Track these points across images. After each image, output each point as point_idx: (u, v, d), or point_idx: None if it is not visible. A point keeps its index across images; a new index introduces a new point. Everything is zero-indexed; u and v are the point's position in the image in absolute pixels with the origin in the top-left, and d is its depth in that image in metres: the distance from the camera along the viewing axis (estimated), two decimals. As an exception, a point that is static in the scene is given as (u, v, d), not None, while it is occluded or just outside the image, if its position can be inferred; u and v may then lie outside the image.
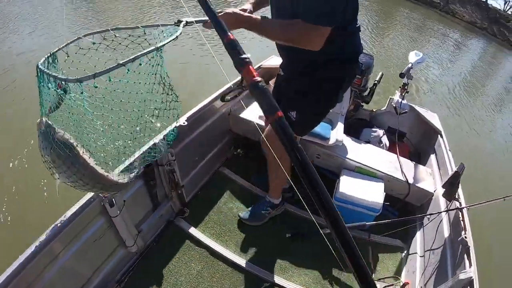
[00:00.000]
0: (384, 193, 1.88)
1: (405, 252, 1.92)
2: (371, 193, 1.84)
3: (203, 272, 1.59)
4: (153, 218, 1.63)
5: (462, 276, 1.32)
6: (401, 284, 1.68)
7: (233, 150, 2.30)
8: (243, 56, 0.67)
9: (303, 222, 1.91)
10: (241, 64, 0.67)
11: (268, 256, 1.72)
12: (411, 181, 1.97)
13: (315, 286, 1.66)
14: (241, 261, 1.64)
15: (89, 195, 1.26)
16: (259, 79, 0.64)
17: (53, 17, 5.80)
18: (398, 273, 1.82)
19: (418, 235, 1.91)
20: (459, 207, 1.60)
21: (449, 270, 1.48)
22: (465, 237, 1.44)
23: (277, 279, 1.61)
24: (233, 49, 0.68)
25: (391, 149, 2.22)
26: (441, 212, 1.74)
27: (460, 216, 1.56)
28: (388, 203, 1.94)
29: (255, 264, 1.63)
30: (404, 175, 1.99)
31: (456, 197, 1.69)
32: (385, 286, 1.58)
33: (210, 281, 1.57)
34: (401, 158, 2.12)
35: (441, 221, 1.73)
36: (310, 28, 1.06)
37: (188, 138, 1.75)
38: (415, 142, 2.51)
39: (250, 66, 0.66)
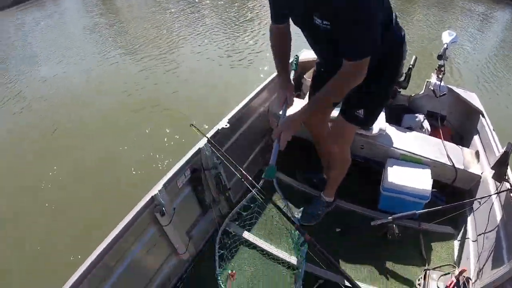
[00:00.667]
0: (432, 180, 1.82)
1: (457, 238, 1.86)
2: (419, 181, 1.80)
3: (257, 274, 1.60)
4: (203, 224, 1.66)
5: None
6: (458, 271, 1.62)
7: None
8: None
9: (351, 216, 1.89)
10: None
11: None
12: (457, 165, 1.90)
13: (370, 280, 1.64)
14: (294, 259, 1.64)
15: (139, 206, 1.28)
16: None
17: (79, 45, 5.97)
18: (451, 260, 1.77)
19: (469, 220, 1.85)
20: (510, 188, 1.53)
21: (504, 254, 1.43)
22: None
23: (331, 276, 1.60)
24: None
25: (433, 133, 2.15)
26: (491, 194, 1.67)
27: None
28: (435, 190, 1.88)
29: (308, 262, 1.62)
30: (450, 159, 1.92)
31: (506, 178, 1.61)
32: (442, 275, 1.54)
33: (265, 282, 1.58)
34: (445, 142, 2.05)
35: (492, 204, 1.66)
36: (358, 65, 1.12)
37: (231, 139, 1.75)
38: (456, 124, 2.41)
39: None
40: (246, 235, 1.73)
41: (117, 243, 1.21)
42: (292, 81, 1.45)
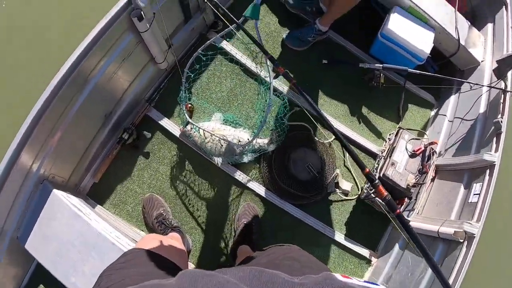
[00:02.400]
0: (432, 44, 1.73)
1: (435, 110, 1.91)
2: (419, 40, 1.70)
3: (235, 90, 1.57)
4: (184, 32, 1.54)
5: (486, 157, 1.33)
6: (428, 140, 1.69)
7: None
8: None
9: (341, 51, 1.84)
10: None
11: (302, 82, 1.70)
12: (462, 41, 1.81)
13: (343, 119, 1.69)
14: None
15: (115, 9, 1.13)
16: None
17: None
18: (423, 128, 1.84)
19: (452, 99, 1.86)
20: (504, 88, 1.50)
21: (473, 146, 1.49)
22: (501, 121, 1.39)
23: (306, 104, 1.61)
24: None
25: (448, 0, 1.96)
26: (485, 85, 1.64)
27: (502, 98, 1.48)
28: (430, 55, 1.82)
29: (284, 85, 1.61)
30: (458, 32, 1.81)
31: (505, 77, 1.56)
32: (413, 138, 1.59)
33: (242, 99, 1.57)
34: (458, 14, 1.89)
35: (481, 95, 1.65)
36: None
37: None
38: (475, 3, 2.22)
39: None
40: (229, 47, 1.64)
41: (91, 51, 1.12)
42: None
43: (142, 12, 1.18)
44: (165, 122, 1.53)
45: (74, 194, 1.34)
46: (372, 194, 1.48)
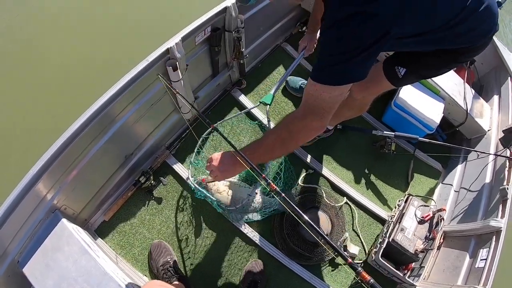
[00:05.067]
0: (442, 114, 1.83)
1: (443, 178, 1.98)
2: (430, 110, 1.81)
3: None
4: (210, 86, 1.64)
5: (493, 223, 1.38)
6: (436, 207, 1.73)
7: (299, 27, 2.18)
8: None
9: (355, 118, 1.88)
10: None
11: (315, 145, 1.78)
12: (470, 111, 1.91)
13: (354, 183, 1.75)
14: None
15: (153, 56, 1.23)
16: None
17: None
18: (431, 195, 1.89)
19: (459, 167, 1.94)
20: (510, 156, 1.59)
21: (480, 213, 1.55)
22: (507, 188, 1.46)
23: (320, 168, 1.68)
24: None
25: (457, 71, 2.11)
26: (491, 154, 1.73)
27: (508, 166, 1.56)
28: (439, 125, 1.91)
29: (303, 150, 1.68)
30: (466, 103, 1.92)
31: (510, 146, 1.66)
32: (422, 205, 1.64)
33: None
34: (466, 85, 2.02)
35: (487, 163, 1.74)
36: (312, 85, 0.90)
37: (257, 6, 1.63)
38: (482, 74, 2.37)
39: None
40: (250, 105, 1.75)
41: (125, 92, 1.19)
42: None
43: (177, 62, 1.28)
44: (182, 172, 1.59)
45: (82, 229, 1.35)
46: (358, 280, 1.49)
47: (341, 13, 0.75)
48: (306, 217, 0.86)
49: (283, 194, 0.89)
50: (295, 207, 0.87)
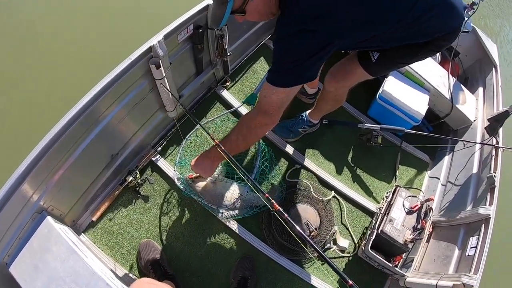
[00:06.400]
0: (428, 106, 1.85)
1: (430, 169, 1.99)
2: (415, 102, 1.83)
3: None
4: (194, 84, 1.64)
5: (481, 211, 1.40)
6: (424, 197, 1.75)
7: None
8: None
9: (341, 112, 1.95)
10: None
11: (302, 140, 1.79)
12: (455, 102, 1.94)
13: (340, 177, 1.77)
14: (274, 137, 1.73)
15: (136, 54, 1.23)
16: None
17: None
18: (420, 186, 1.91)
19: (447, 157, 1.96)
20: (495, 144, 1.62)
21: (468, 201, 1.57)
22: (494, 175, 1.48)
23: (307, 162, 1.68)
24: None
25: (442, 64, 2.14)
26: (477, 143, 1.76)
27: (494, 154, 1.59)
28: (425, 117, 1.93)
29: (291, 146, 1.69)
30: (451, 94, 1.95)
31: (496, 134, 1.70)
32: (410, 196, 1.65)
33: (244, 154, 1.64)
34: (451, 77, 2.05)
35: (474, 153, 1.77)
36: (269, 88, 1.06)
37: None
38: (467, 66, 2.41)
39: None
40: (234, 102, 1.76)
41: (108, 91, 1.19)
42: None
43: (160, 60, 1.28)
44: (168, 170, 1.59)
45: (71, 229, 1.34)
46: None
47: (288, 29, 0.92)
48: (293, 223, 0.94)
49: (266, 195, 0.97)
50: (284, 213, 0.96)
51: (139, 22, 2.71)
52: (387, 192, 1.76)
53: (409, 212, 1.64)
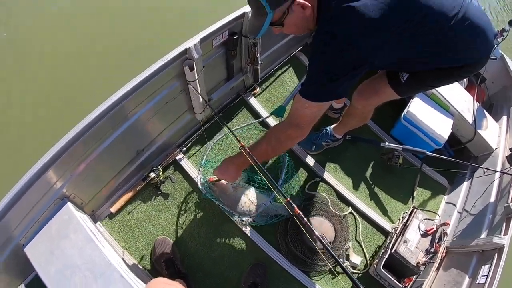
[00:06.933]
0: (451, 130, 1.85)
1: (448, 194, 1.98)
2: (439, 125, 1.83)
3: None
4: (224, 89, 1.68)
5: (496, 240, 1.39)
6: (440, 221, 1.74)
7: None
8: None
9: (364, 129, 1.96)
10: None
11: (323, 154, 1.81)
12: (478, 128, 1.93)
13: (359, 193, 1.77)
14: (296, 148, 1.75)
15: (172, 54, 1.26)
16: None
17: None
18: (436, 210, 1.90)
19: (465, 184, 1.95)
20: None
21: (483, 229, 1.56)
22: (511, 205, 1.47)
23: (327, 176, 1.69)
24: None
25: (468, 88, 2.13)
26: (497, 171, 1.76)
27: None
28: (447, 141, 1.92)
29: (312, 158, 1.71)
30: (475, 120, 1.94)
31: None
32: (426, 219, 1.65)
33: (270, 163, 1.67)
34: (476, 103, 2.03)
35: (493, 181, 1.76)
36: (300, 101, 1.08)
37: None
38: (492, 92, 2.39)
39: None
40: (261, 110, 1.78)
41: (140, 89, 1.23)
42: None
43: (194, 63, 1.32)
44: (191, 171, 1.62)
45: (89, 218, 1.38)
46: None
47: (326, 45, 0.93)
48: (312, 228, 0.95)
49: (288, 199, 0.98)
50: (304, 217, 0.97)
51: (176, 24, 2.78)
52: (404, 213, 1.76)
53: (424, 234, 1.64)
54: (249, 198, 1.46)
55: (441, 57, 1.08)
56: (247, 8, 1.45)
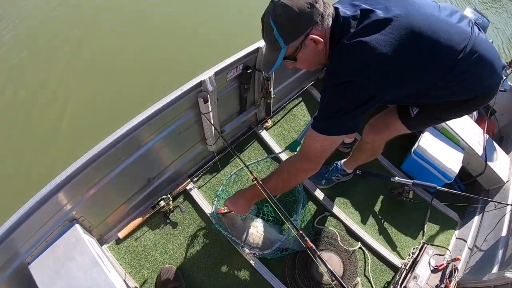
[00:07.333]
0: (461, 164, 1.83)
1: (459, 228, 1.95)
2: (449, 160, 1.82)
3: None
4: (237, 121, 1.71)
5: (508, 274, 1.35)
6: (451, 257, 1.71)
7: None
8: None
9: (374, 164, 1.95)
10: None
11: (333, 188, 1.80)
12: (489, 161, 1.91)
13: (368, 228, 1.75)
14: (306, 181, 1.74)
15: (187, 86, 1.29)
16: None
17: None
18: (447, 245, 1.87)
19: (476, 218, 1.92)
20: None
21: (495, 264, 1.52)
22: None
23: (337, 210, 1.68)
24: None
25: (478, 121, 2.13)
26: (509, 204, 1.74)
27: None
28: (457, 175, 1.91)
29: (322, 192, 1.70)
30: (485, 153, 1.93)
31: None
32: (436, 254, 1.62)
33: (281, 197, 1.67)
34: (486, 135, 2.03)
35: (504, 214, 1.73)
36: (313, 135, 1.10)
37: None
38: (502, 124, 2.38)
39: None
40: (273, 144, 1.80)
41: (154, 118, 1.26)
42: None
43: (208, 95, 1.35)
44: (201, 201, 1.63)
45: (96, 242, 1.39)
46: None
47: (337, 79, 0.95)
48: (324, 260, 0.96)
49: (301, 232, 1.02)
50: (316, 250, 0.99)
51: (191, 57, 2.89)
52: (414, 248, 1.73)
53: (434, 270, 1.60)
54: (258, 230, 1.46)
55: (448, 89, 1.08)
56: (261, 43, 1.49)
